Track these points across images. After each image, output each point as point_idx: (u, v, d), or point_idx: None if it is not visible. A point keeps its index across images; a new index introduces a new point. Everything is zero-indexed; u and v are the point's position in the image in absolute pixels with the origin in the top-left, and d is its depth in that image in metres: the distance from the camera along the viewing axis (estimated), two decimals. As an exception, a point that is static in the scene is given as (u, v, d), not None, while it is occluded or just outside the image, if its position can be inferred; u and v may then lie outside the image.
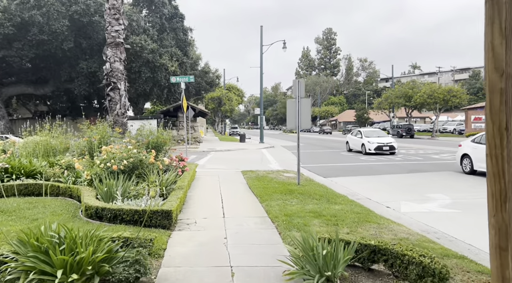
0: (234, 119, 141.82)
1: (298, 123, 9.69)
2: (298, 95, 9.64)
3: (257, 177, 11.35)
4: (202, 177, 11.92)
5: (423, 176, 12.84)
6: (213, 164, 16.84)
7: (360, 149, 21.63)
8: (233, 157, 21.24)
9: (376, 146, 20.34)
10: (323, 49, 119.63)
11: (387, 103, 55.12)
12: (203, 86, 37.35)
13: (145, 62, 23.25)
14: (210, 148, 27.11)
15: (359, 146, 21.85)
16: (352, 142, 23.02)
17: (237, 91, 64.54)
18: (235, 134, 61.13)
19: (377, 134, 22.17)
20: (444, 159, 18.14)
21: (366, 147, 20.72)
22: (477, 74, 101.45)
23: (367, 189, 10.41)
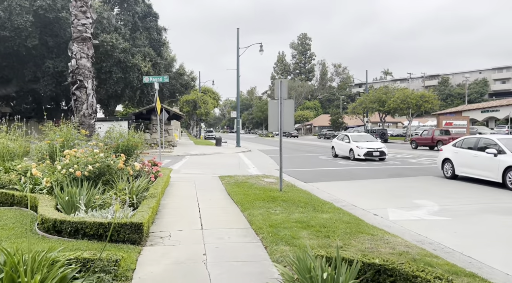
0: (209, 123, 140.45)
1: (281, 125, 9.14)
2: (281, 96, 9.10)
3: (236, 183, 10.70)
4: (177, 183, 11.15)
5: (404, 180, 12.56)
6: (189, 169, 16.05)
7: (348, 155, 20.27)
8: (210, 161, 20.48)
9: (366, 151, 19.02)
10: (298, 54, 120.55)
11: (362, 108, 55.78)
12: (177, 88, 36.32)
13: (117, 62, 22.15)
14: (185, 152, 26.22)
15: (346, 151, 20.48)
16: (339, 147, 21.55)
17: (212, 94, 63.65)
18: (210, 138, 60.17)
19: (366, 139, 20.86)
20: (423, 163, 18.10)
21: (355, 152, 19.37)
22: (445, 81, 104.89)
23: (351, 195, 9.97)
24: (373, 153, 19.06)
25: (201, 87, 59.94)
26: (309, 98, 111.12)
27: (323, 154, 25.14)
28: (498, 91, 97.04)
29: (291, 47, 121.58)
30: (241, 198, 8.31)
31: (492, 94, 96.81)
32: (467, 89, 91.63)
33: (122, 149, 9.89)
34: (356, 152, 19.33)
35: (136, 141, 10.35)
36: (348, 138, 20.67)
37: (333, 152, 22.24)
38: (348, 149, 20.20)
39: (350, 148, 19.96)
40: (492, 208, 8.23)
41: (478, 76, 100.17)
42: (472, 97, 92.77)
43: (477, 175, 11.17)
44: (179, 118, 36.88)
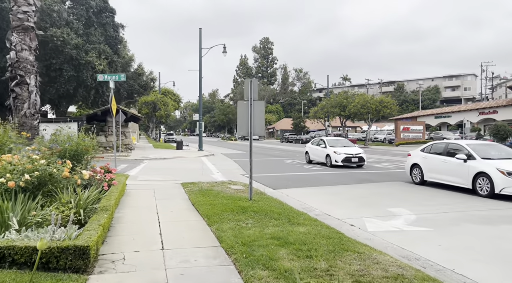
0: (169, 126, 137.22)
1: (251, 129, 8.40)
2: (251, 97, 8.37)
3: (200, 191, 9.82)
4: (134, 191, 10.08)
5: (374, 186, 12.25)
6: (147, 175, 14.90)
7: (324, 161, 18.99)
8: (170, 166, 19.35)
9: (344, 157, 17.79)
10: (260, 58, 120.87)
11: (323, 112, 56.43)
12: (136, 89, 34.62)
13: (68, 59, 20.42)
14: (144, 156, 24.81)
15: (322, 157, 19.23)
16: (314, 152, 20.25)
17: (173, 96, 61.80)
18: (171, 141, 58.31)
19: (343, 144, 19.67)
20: (387, 168, 18.07)
21: (332, 158, 18.14)
22: (401, 87, 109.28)
23: (322, 203, 9.43)
24: (351, 159, 17.93)
25: (161, 89, 58.02)
26: (271, 102, 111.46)
27: (288, 158, 24.72)
28: (449, 98, 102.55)
29: (254, 51, 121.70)
30: (207, 209, 7.47)
31: (443, 101, 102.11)
32: (421, 95, 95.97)
33: (70, 154, 8.71)
34: (333, 158, 18.16)
35: (87, 145, 9.19)
36: (324, 143, 19.48)
37: (307, 157, 20.97)
38: (324, 155, 19.05)
39: (326, 153, 18.78)
40: (468, 216, 7.97)
41: (431, 84, 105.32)
42: (426, 103, 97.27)
43: (446, 180, 11.04)
44: (137, 120, 35.17)
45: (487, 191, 9.57)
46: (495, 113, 53.34)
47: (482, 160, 9.91)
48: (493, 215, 8.08)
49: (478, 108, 56.37)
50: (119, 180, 9.45)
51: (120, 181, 9.44)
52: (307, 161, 20.85)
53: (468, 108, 59.57)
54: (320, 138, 20.80)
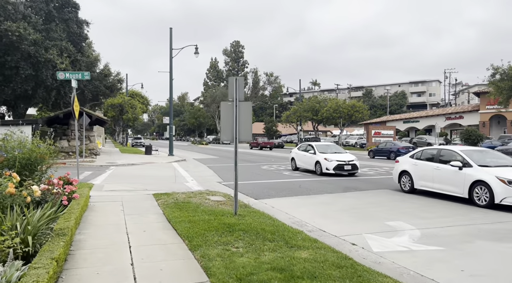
0: (137, 129, 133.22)
1: (236, 133, 7.37)
2: (236, 97, 7.35)
3: (176, 204, 8.65)
4: (100, 204, 8.77)
5: (362, 195, 11.51)
6: (115, 184, 13.49)
7: (313, 168, 17.24)
8: (139, 173, 17.92)
9: (336, 165, 16.13)
10: (231, 61, 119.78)
11: (296, 116, 56.14)
12: (101, 90, 32.64)
13: (26, 56, 18.50)
14: (110, 162, 23.12)
15: (311, 164, 17.41)
16: (301, 159, 18.45)
17: (141, 98, 59.59)
18: (139, 146, 56.01)
19: (333, 150, 17.82)
20: (369, 174, 17.51)
21: (323, 165, 16.42)
22: (369, 92, 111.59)
23: (313, 215, 8.54)
24: (344, 166, 16.25)
25: (128, 91, 55.72)
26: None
27: (264, 164, 23.80)
28: (415, 103, 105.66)
29: (224, 54, 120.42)
30: (187, 228, 6.36)
31: (410, 106, 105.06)
32: (388, 100, 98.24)
33: (21, 164, 7.34)
34: (324, 165, 16.43)
35: (43, 152, 7.83)
36: (313, 148, 17.59)
37: (293, 165, 19.16)
38: (313, 162, 17.24)
39: (316, 160, 17.00)
40: (477, 231, 7.29)
41: (398, 89, 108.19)
42: (393, 108, 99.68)
43: (439, 189, 10.44)
44: (103, 123, 33.18)
45: (486, 200, 9.01)
46: (461, 118, 55.05)
47: (479, 168, 9.36)
48: (501, 229, 7.45)
49: (445, 114, 58.02)
50: (81, 192, 8.15)
51: (82, 193, 8.13)
52: (293, 168, 19.14)
53: (436, 113, 61.25)
54: (308, 144, 19.09)
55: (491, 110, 49.37)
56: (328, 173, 16.34)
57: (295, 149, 19.74)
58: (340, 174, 16.27)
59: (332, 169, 16.20)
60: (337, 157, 16.68)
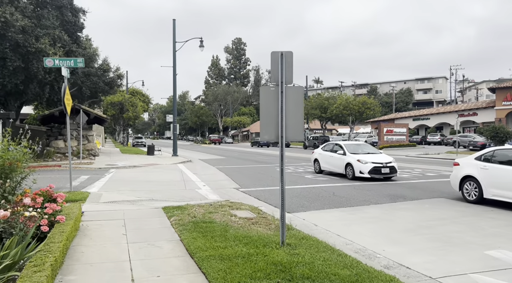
0: (137, 129, 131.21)
1: (282, 130, 5.27)
2: (282, 80, 5.25)
3: (195, 224, 6.56)
4: (94, 226, 6.67)
5: (419, 207, 9.39)
6: (114, 192, 11.40)
7: (342, 171, 14.95)
8: (143, 177, 15.83)
9: (372, 168, 13.86)
10: (233, 59, 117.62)
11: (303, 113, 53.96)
12: (100, 87, 30.50)
13: (13, 46, 16.37)
14: (110, 164, 21.02)
15: (340, 167, 15.14)
16: (327, 161, 16.11)
17: (142, 96, 57.39)
18: (140, 145, 53.93)
19: (365, 150, 15.51)
20: (405, 178, 15.36)
21: (356, 168, 14.18)
22: (374, 90, 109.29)
23: (375, 238, 6.48)
24: (381, 169, 13.89)
25: (129, 89, 53.61)
26: (244, 104, 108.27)
27: (277, 164, 21.65)
28: (421, 100, 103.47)
29: (226, 51, 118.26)
30: (222, 273, 4.27)
31: (416, 103, 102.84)
32: (394, 98, 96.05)
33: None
34: (357, 168, 14.18)
35: (16, 157, 5.73)
36: (342, 148, 15.29)
37: (317, 167, 16.87)
38: (342, 164, 14.93)
39: (347, 162, 14.69)
40: None
41: (403, 86, 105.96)
42: (399, 106, 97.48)
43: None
44: (102, 122, 31.05)
45: None
46: (474, 115, 52.88)
47: None
48: None
49: (458, 111, 55.82)
50: (69, 212, 6.05)
51: (70, 212, 6.02)
52: (316, 171, 16.93)
53: (447, 110, 59.05)
54: (335, 143, 16.72)
55: (508, 106, 47.24)
56: (362, 177, 14.14)
57: (319, 149, 17.47)
58: (376, 178, 14.11)
59: (367, 172, 13.95)
60: (372, 158, 14.43)
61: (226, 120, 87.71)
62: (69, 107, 10.52)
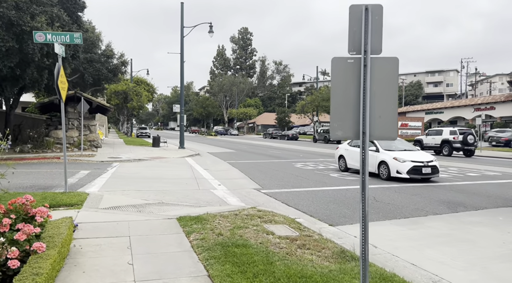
0: (141, 119, 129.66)
1: (364, 123, 3.53)
2: (367, 47, 3.49)
3: (223, 247, 4.89)
4: (90, 248, 5.00)
5: (492, 220, 7.63)
6: (117, 192, 9.76)
7: (374, 170, 13.18)
8: (149, 173, 14.18)
9: (411, 167, 12.15)
10: (239, 49, 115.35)
11: (313, 106, 52.07)
12: (104, 74, 28.78)
13: (6, 24, 14.54)
14: (113, 157, 19.40)
15: (371, 165, 13.07)
16: (354, 157, 14.39)
17: (146, 86, 55.67)
18: (144, 136, 52.41)
19: (400, 146, 13.71)
20: (448, 179, 13.60)
21: (392, 167, 12.46)
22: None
23: (474, 273, 4.78)
24: (421, 169, 12.17)
25: (133, 78, 51.85)
26: (250, 95, 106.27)
27: (294, 160, 19.98)
28: (431, 94, 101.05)
29: (232, 41, 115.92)
30: None
31: (426, 96, 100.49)
32: (404, 91, 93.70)
33: None
34: (393, 167, 12.43)
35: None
36: (374, 144, 13.47)
37: (342, 164, 15.25)
38: (375, 162, 13.16)
39: (380, 160, 12.96)
40: None
41: (413, 79, 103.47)
42: (408, 99, 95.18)
43: None
44: (106, 111, 29.40)
45: None
46: (492, 109, 50.75)
47: None
48: None
49: (474, 104, 53.73)
50: (54, 232, 4.37)
51: (55, 234, 4.33)
52: (342, 169, 15.21)
53: (462, 104, 56.90)
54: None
55: (529, 100, 45.15)
56: (399, 177, 12.38)
57: (344, 145, 15.65)
58: (414, 179, 12.35)
59: (406, 172, 12.18)
60: (410, 155, 12.64)
61: (232, 111, 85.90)
62: (64, 92, 8.82)
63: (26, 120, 30.02)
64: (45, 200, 7.90)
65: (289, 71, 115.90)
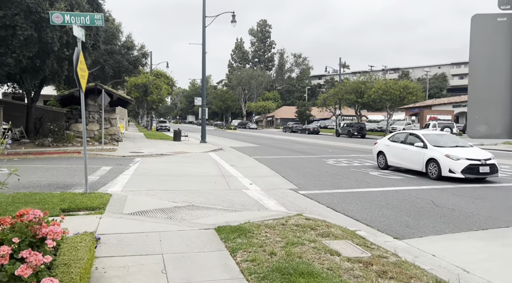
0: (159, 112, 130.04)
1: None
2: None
3: (282, 272, 3.82)
4: (115, 271, 3.98)
5: None
6: (142, 192, 8.81)
7: (420, 168, 11.91)
8: (174, 169, 13.24)
9: (467, 166, 10.77)
10: (257, 42, 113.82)
11: (336, 99, 50.39)
12: (124, 66, 28.05)
13: (24, 11, 13.86)
14: (134, 151, 18.60)
15: (417, 163, 12.04)
16: (397, 154, 13.00)
17: (166, 79, 55.07)
18: (164, 130, 51.94)
19: (450, 142, 12.26)
20: (508, 179, 12.17)
21: (443, 166, 11.03)
22: (406, 75, 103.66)
23: None
24: (479, 168, 10.77)
25: (153, 71, 51.27)
26: (268, 89, 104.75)
27: (324, 156, 18.75)
28: (457, 86, 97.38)
29: (250, 33, 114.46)
30: None
31: (451, 89, 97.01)
32: (428, 83, 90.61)
33: None
34: (445, 166, 11.01)
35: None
36: (421, 139, 12.12)
37: (381, 161, 13.80)
38: (422, 159, 11.79)
39: (429, 157, 11.54)
40: None
41: (438, 71, 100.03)
42: (432, 92, 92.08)
43: None
44: (126, 104, 28.73)
45: None
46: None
47: None
48: None
49: (507, 97, 50.87)
50: (70, 257, 3.33)
51: (71, 261, 3.30)
52: (381, 166, 13.81)
53: (493, 97, 54.00)
54: (408, 133, 13.29)
55: None
56: (451, 177, 11.03)
57: (385, 140, 14.28)
58: (469, 179, 10.97)
59: (460, 171, 10.81)
60: (465, 153, 11.22)
61: (250, 105, 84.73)
62: (83, 80, 7.86)
63: (47, 113, 29.66)
64: (64, 203, 7.00)
65: (308, 63, 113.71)
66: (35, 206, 6.80)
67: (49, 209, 6.58)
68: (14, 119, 28.01)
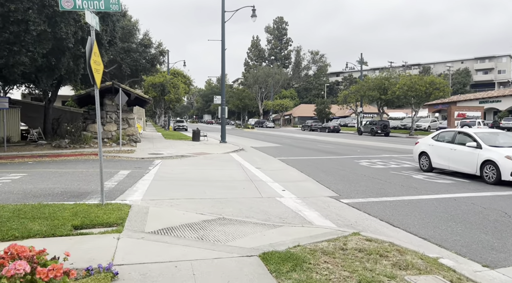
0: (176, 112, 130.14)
1: None
2: None
3: None
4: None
5: None
6: (164, 202, 7.77)
7: (473, 171, 10.69)
8: (197, 173, 12.20)
9: None
10: (274, 39, 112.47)
11: (358, 96, 48.72)
12: (141, 64, 27.31)
13: (38, 5, 13.06)
14: (153, 153, 17.69)
15: (469, 165, 10.78)
16: (444, 155, 11.73)
17: (183, 78, 54.38)
18: (181, 129, 51.27)
19: (508, 141, 10.91)
20: None
21: (504, 169, 9.73)
22: (427, 70, 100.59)
23: None
24: None
25: (170, 70, 50.62)
26: (285, 87, 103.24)
27: (356, 157, 17.45)
28: (481, 82, 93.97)
29: (267, 31, 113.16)
30: None
31: (474, 85, 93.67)
32: (450, 79, 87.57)
33: None
34: (506, 169, 9.71)
35: None
36: (473, 139, 10.87)
37: (425, 162, 12.52)
38: (476, 161, 10.54)
39: (485, 158, 10.26)
40: None
41: (460, 66, 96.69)
42: (455, 88, 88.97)
43: None
44: (144, 103, 27.98)
45: None
46: (563, 97, 45.29)
47: None
48: None
49: (540, 92, 48.36)
50: None
51: None
52: (424, 168, 12.55)
53: (525, 91, 51.51)
54: (457, 131, 11.94)
55: None
56: None
57: (428, 139, 12.88)
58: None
59: None
60: None
61: (268, 103, 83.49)
62: (98, 75, 6.85)
63: (64, 114, 29.19)
64: (76, 218, 6.02)
65: (325, 60, 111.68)
66: (43, 221, 5.83)
67: (59, 226, 5.60)
68: (32, 120, 27.60)
